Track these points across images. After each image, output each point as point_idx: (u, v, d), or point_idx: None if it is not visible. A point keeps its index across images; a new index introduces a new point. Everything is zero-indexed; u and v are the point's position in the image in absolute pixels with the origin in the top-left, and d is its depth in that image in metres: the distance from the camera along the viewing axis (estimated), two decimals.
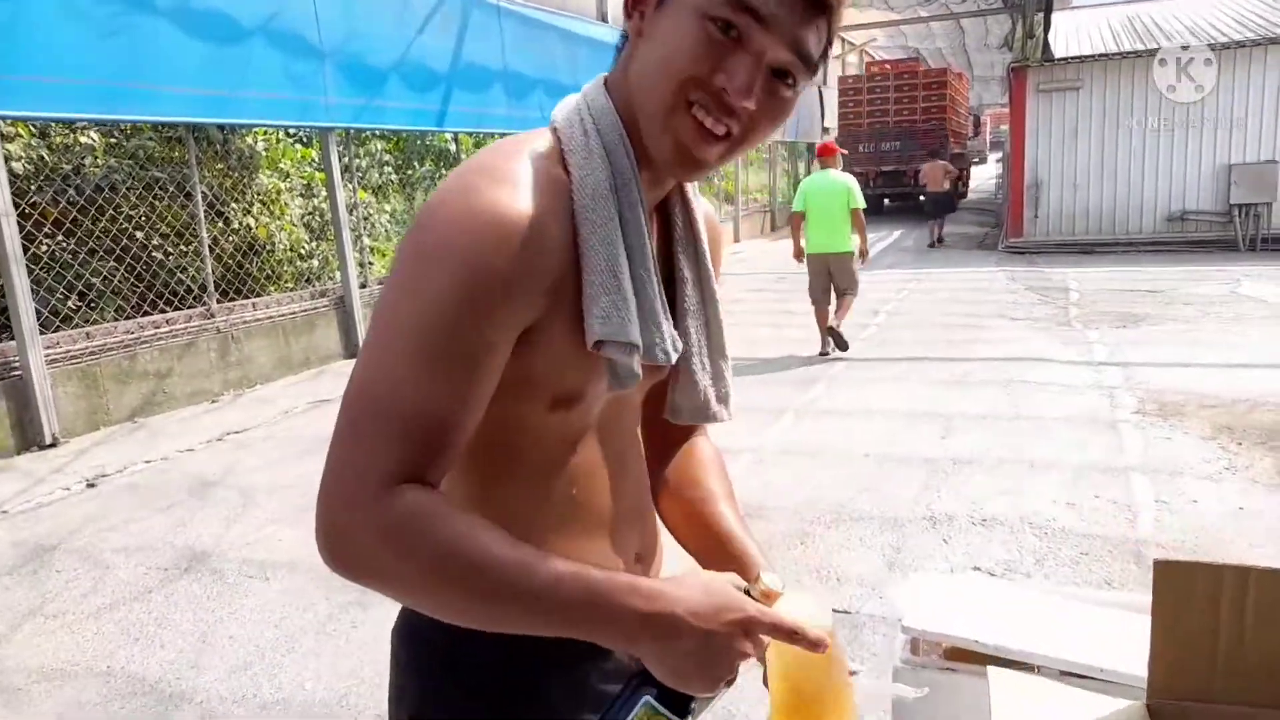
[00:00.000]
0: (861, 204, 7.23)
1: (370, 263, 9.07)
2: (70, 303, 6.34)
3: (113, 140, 7.00)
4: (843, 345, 7.33)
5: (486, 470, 0.90)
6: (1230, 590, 0.83)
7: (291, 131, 9.01)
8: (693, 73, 0.79)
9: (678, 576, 0.81)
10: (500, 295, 0.77)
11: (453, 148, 10.78)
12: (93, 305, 6.56)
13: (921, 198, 18.10)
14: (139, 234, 6.85)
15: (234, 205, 7.80)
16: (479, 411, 0.80)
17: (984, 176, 33.05)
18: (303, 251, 8.63)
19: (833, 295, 7.42)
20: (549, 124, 0.90)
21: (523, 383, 0.84)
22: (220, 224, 7.61)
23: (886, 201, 22.40)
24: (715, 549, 1.01)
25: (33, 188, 6.22)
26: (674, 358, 0.91)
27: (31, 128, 6.38)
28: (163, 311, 6.85)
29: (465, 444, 0.80)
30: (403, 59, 8.20)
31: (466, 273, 0.76)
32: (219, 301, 7.26)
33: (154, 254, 6.96)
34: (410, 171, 11.52)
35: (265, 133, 8.35)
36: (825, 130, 22.72)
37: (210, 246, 7.24)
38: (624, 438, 1.00)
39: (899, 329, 8.52)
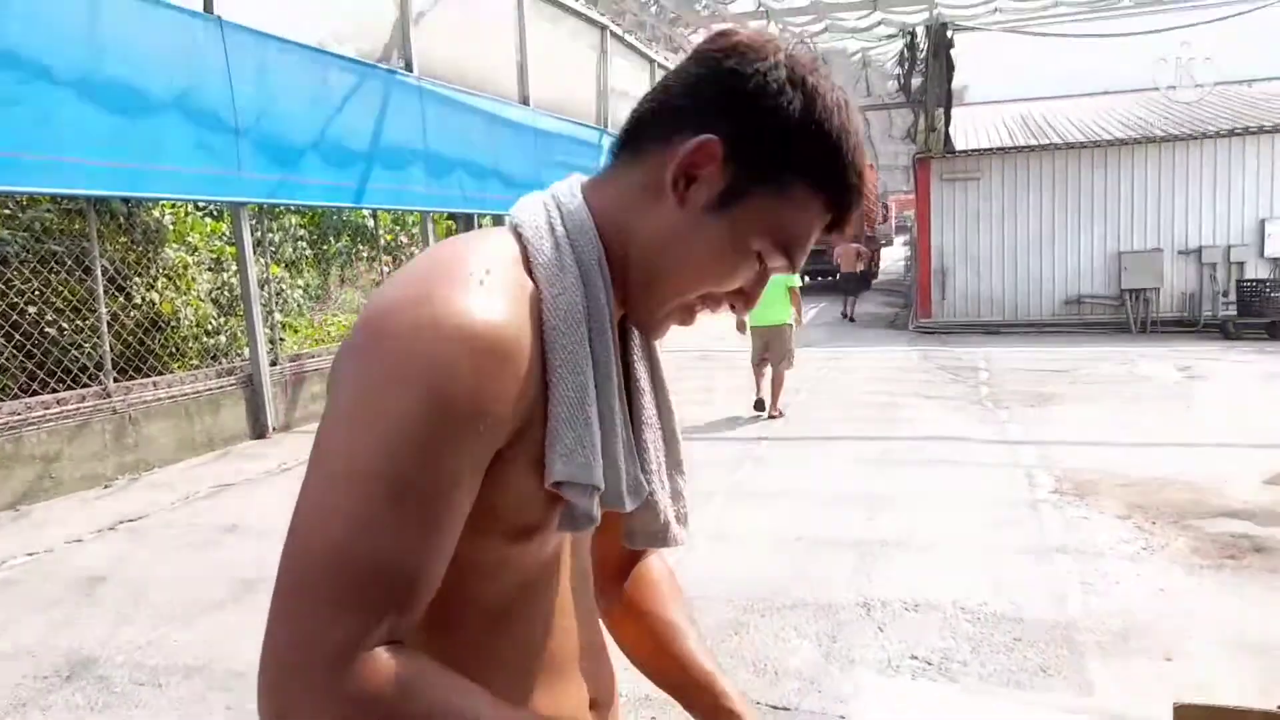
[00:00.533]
0: (798, 282, 8.21)
1: (282, 339, 8.76)
2: None
3: (6, 211, 6.64)
4: (776, 414, 8.08)
5: (433, 617, 0.73)
6: None
7: (201, 205, 8.74)
8: (716, 288, 0.81)
9: None
10: (474, 423, 0.67)
11: (370, 223, 10.62)
12: None
13: (836, 276, 19.25)
14: (31, 309, 6.46)
15: (137, 279, 7.46)
16: (448, 558, 0.69)
17: (893, 258, 34.33)
18: (210, 327, 8.28)
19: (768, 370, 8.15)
20: (508, 223, 0.81)
21: (481, 514, 0.72)
22: (121, 299, 7.26)
23: (806, 279, 23.23)
24: (693, 689, 0.98)
25: None
26: (632, 505, 0.83)
27: None
28: (53, 391, 6.43)
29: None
30: (321, 136, 8.07)
31: (435, 397, 0.65)
32: (116, 380, 6.87)
33: (47, 329, 6.56)
34: (325, 246, 11.30)
35: (173, 206, 8.07)
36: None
37: (110, 322, 6.88)
38: (580, 571, 0.91)
39: (821, 408, 8.60)
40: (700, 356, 12.42)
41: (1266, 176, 13.45)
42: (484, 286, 0.69)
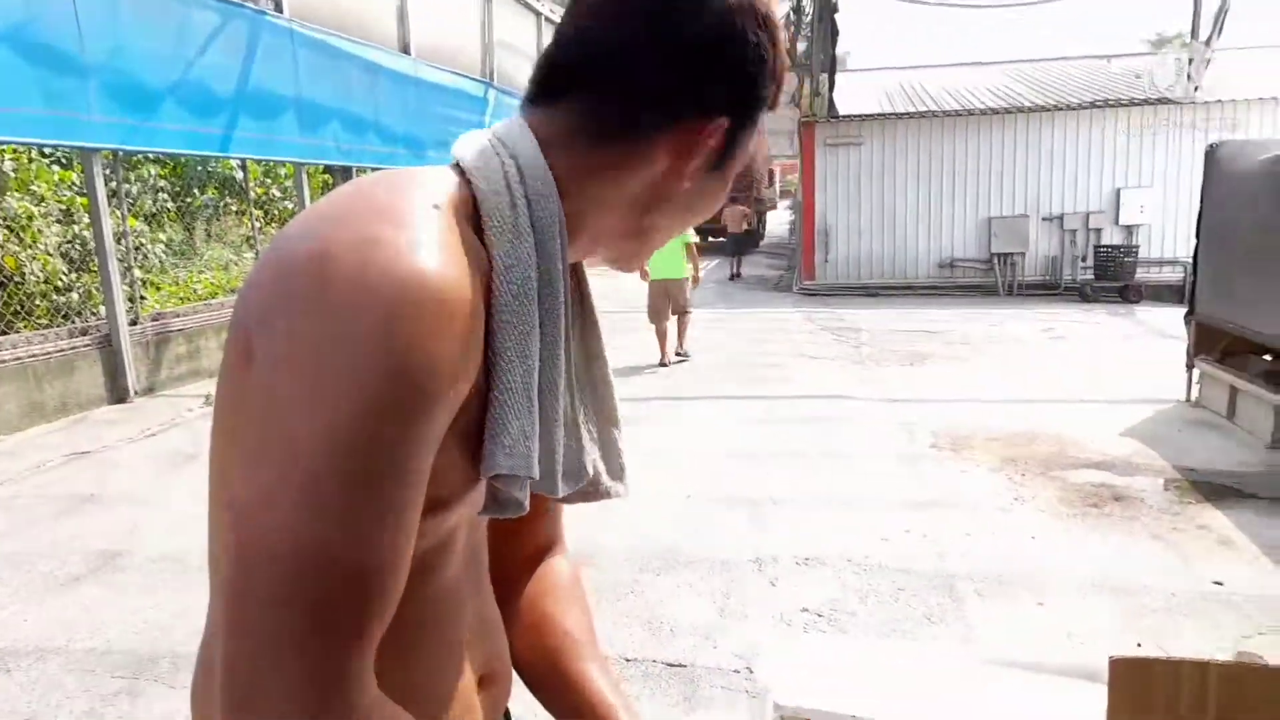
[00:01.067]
0: (694, 239, 8.74)
1: (143, 297, 8.18)
2: None
3: None
4: (684, 357, 8.95)
5: None
6: (1189, 685, 0.76)
7: (47, 151, 8.03)
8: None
9: None
10: (441, 394, 0.59)
11: (239, 175, 10.02)
12: None
13: (723, 239, 19.67)
14: None
15: None
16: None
17: (777, 221, 34.97)
18: (60, 284, 7.65)
19: (671, 318, 8.83)
20: (452, 162, 0.72)
21: None
22: None
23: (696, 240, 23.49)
24: (577, 713, 0.87)
25: None
26: (566, 491, 0.78)
27: None
28: None
29: None
30: (182, 78, 7.51)
31: (397, 364, 0.56)
32: None
33: None
34: (190, 199, 10.62)
35: (14, 151, 7.38)
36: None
37: None
38: (474, 545, 0.83)
39: (709, 368, 8.68)
40: None
41: (1123, 147, 14.25)
42: (437, 236, 0.61)
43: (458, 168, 0.71)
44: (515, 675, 0.92)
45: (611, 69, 0.71)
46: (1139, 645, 3.07)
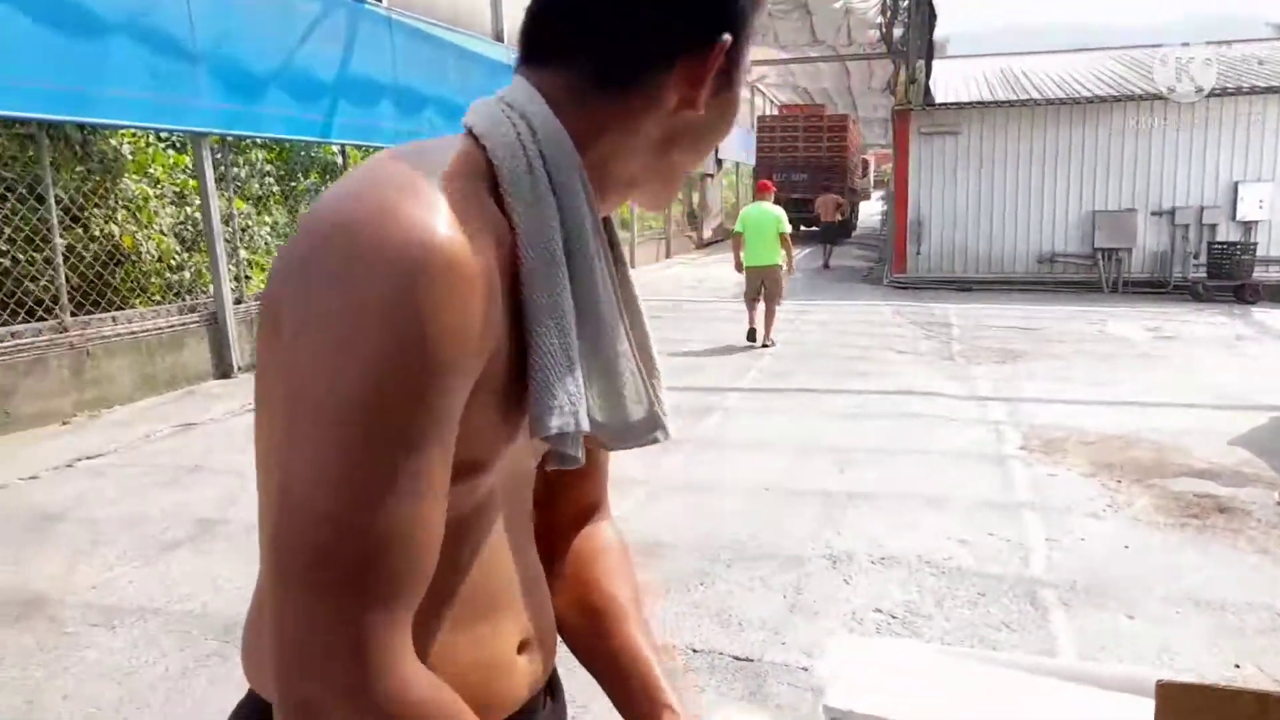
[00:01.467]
0: (788, 229, 9.14)
1: (248, 277, 8.54)
2: None
3: None
4: (771, 345, 9.22)
5: None
6: (1244, 718, 0.72)
7: (164, 135, 8.43)
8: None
9: None
10: (458, 361, 0.61)
11: (340, 160, 10.35)
12: None
13: (815, 227, 20.18)
14: None
15: (95, 211, 7.20)
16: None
17: (869, 213, 34.29)
18: (173, 263, 8.05)
19: (762, 304, 9.18)
20: (465, 131, 0.72)
21: None
22: (79, 231, 7.01)
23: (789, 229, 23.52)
24: (621, 679, 0.87)
25: None
26: (648, 438, 0.80)
27: None
28: (6, 324, 6.23)
29: None
30: (285, 66, 7.79)
31: (420, 333, 0.58)
32: (73, 314, 6.67)
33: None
34: (294, 183, 10.99)
35: (133, 135, 7.78)
36: (719, 162, 23.53)
37: (66, 255, 6.65)
38: (519, 509, 0.84)
39: (792, 360, 8.58)
40: (672, 306, 12.35)
41: (1241, 139, 13.46)
42: (454, 206, 0.62)
43: (472, 136, 0.71)
44: (559, 640, 0.93)
45: (605, 16, 0.71)
46: (1236, 666, 2.92)
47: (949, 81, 16.55)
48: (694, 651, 3.04)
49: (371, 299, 0.58)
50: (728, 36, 0.71)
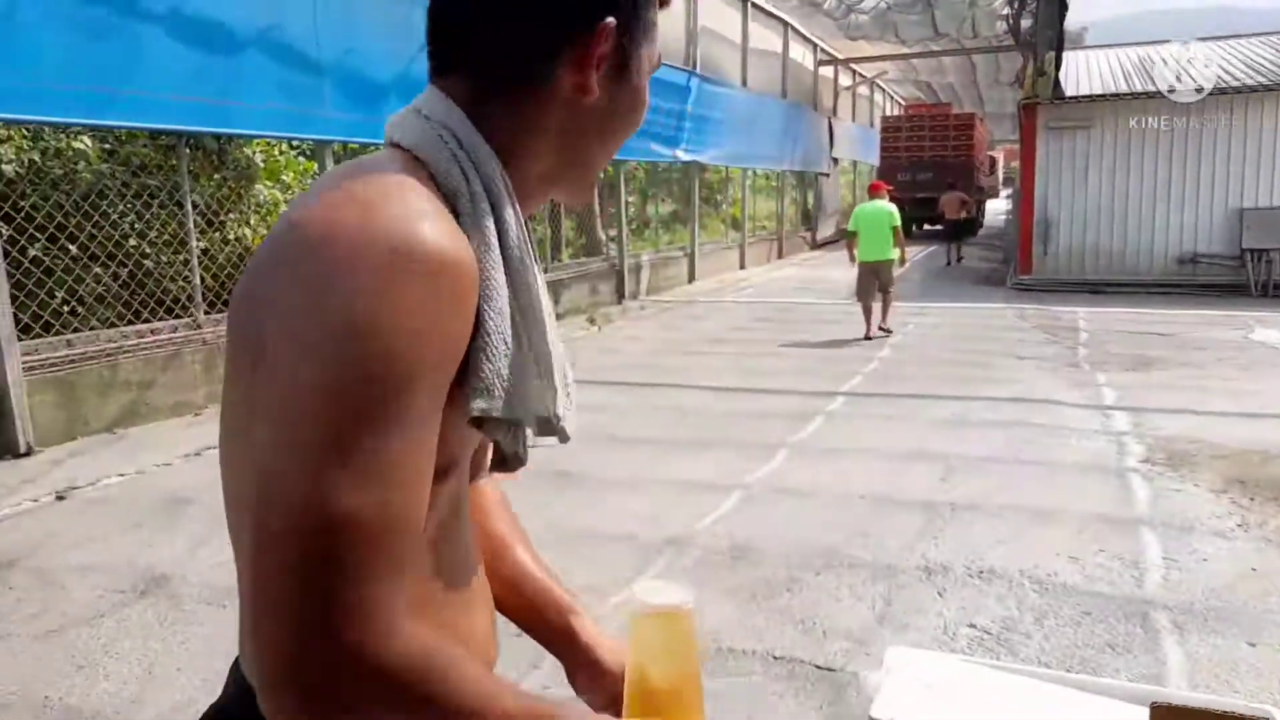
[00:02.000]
0: (899, 223, 9.60)
1: None
2: (53, 310, 6.20)
3: (106, 146, 6.88)
4: (887, 333, 9.70)
5: None
6: None
7: (294, 144, 8.91)
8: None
9: None
10: (452, 356, 0.64)
11: None
12: (75, 313, 6.41)
13: (940, 226, 20.35)
14: (129, 242, 6.72)
15: (230, 216, 7.67)
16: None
17: (995, 211, 33.00)
18: None
19: (878, 296, 9.62)
20: (388, 142, 0.75)
21: None
22: (214, 234, 7.49)
23: (914, 228, 23.61)
24: (525, 601, 0.96)
25: (16, 192, 6.09)
26: (570, 435, 0.80)
27: (24, 131, 6.27)
28: (147, 321, 6.71)
29: None
30: (403, 75, 8.09)
31: (406, 332, 0.60)
32: (207, 313, 7.12)
33: (143, 262, 6.82)
34: None
35: (265, 144, 8.24)
36: (834, 161, 23.17)
37: (201, 257, 7.10)
38: (467, 503, 0.87)
39: (903, 364, 8.34)
40: (780, 309, 12.20)
41: None
42: (429, 212, 0.65)
43: (401, 149, 0.73)
44: None
45: (487, 22, 0.74)
46: None
47: (1082, 72, 15.75)
48: (775, 658, 2.99)
49: (345, 292, 0.59)
50: (611, 20, 0.73)
